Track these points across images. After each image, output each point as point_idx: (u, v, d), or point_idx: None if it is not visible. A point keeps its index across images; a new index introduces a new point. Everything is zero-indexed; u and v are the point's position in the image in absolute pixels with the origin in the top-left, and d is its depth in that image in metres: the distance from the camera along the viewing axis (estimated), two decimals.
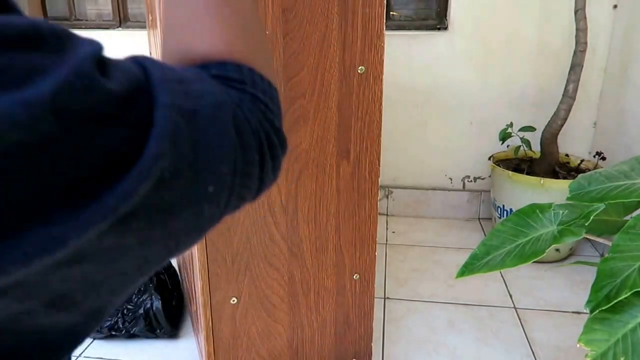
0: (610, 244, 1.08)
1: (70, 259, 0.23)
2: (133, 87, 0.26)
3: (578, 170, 2.32)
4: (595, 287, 1.01)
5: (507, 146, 2.50)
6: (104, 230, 0.23)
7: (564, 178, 2.23)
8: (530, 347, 1.71)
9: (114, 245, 0.25)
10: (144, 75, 0.28)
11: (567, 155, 2.45)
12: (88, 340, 1.74)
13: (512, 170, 2.29)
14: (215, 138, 0.30)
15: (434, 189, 2.77)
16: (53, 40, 0.23)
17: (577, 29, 2.09)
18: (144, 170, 0.25)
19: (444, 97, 2.60)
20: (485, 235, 2.56)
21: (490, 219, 2.70)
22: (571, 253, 2.33)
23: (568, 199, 1.24)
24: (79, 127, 0.22)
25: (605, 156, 2.28)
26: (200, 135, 0.29)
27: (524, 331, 1.79)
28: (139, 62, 0.29)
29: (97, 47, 0.25)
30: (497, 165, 2.36)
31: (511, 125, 2.38)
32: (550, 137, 2.25)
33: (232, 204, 0.33)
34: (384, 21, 1.18)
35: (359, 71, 1.21)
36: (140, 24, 2.72)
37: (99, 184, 0.23)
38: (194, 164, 0.28)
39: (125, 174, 0.24)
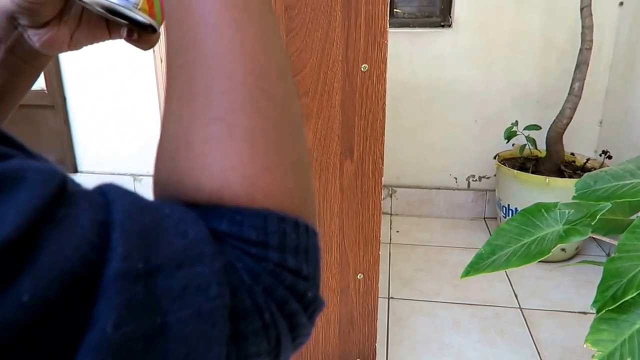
0: (616, 243, 1.06)
1: None
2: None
3: (584, 169, 2.30)
4: (602, 287, 1.00)
5: (512, 145, 2.48)
6: None
7: (570, 177, 2.22)
8: (536, 347, 1.70)
9: None
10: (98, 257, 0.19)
11: (572, 154, 2.43)
12: None
13: (518, 169, 2.28)
14: None
15: (439, 188, 2.76)
16: None
17: (582, 27, 2.07)
18: None
19: (448, 95, 2.59)
20: (490, 234, 2.55)
21: (496, 218, 2.69)
22: (577, 253, 2.31)
23: (574, 198, 1.22)
24: None
25: (611, 155, 2.26)
26: None
27: (530, 331, 1.78)
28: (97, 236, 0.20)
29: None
30: (502, 164, 2.35)
31: (516, 123, 2.37)
32: (555, 135, 2.23)
33: None
34: (388, 19, 1.17)
35: (362, 69, 1.20)
36: None
37: None
38: None
39: None
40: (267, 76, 0.26)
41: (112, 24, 0.47)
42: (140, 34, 0.46)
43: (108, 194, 0.22)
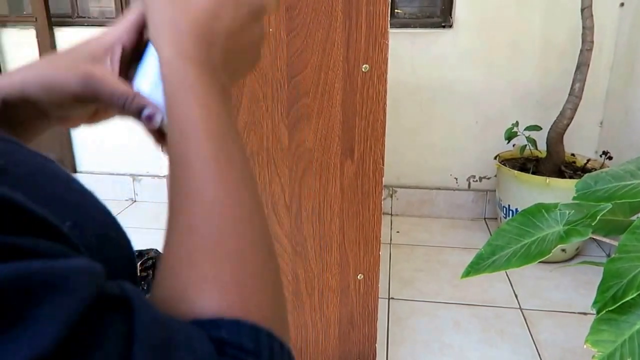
0: (616, 244, 1.06)
1: None
2: None
3: (584, 169, 2.30)
4: (602, 288, 1.00)
5: (513, 145, 2.48)
6: None
7: (570, 178, 2.22)
8: (536, 347, 1.70)
9: None
10: None
11: (573, 154, 2.43)
12: None
13: (518, 170, 2.28)
14: None
15: (439, 188, 2.76)
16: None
17: (583, 27, 2.07)
18: None
19: (448, 95, 2.59)
20: (490, 235, 2.55)
21: (496, 218, 2.69)
22: (577, 253, 2.31)
23: (574, 198, 1.22)
24: None
25: (611, 155, 2.26)
26: None
27: (530, 332, 1.78)
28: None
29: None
30: (502, 164, 2.35)
31: (517, 124, 2.37)
32: (556, 136, 2.23)
33: None
34: (388, 19, 1.17)
35: (363, 69, 1.20)
36: None
37: None
38: None
39: None
40: (249, 214, 0.32)
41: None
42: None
43: (132, 301, 0.23)
